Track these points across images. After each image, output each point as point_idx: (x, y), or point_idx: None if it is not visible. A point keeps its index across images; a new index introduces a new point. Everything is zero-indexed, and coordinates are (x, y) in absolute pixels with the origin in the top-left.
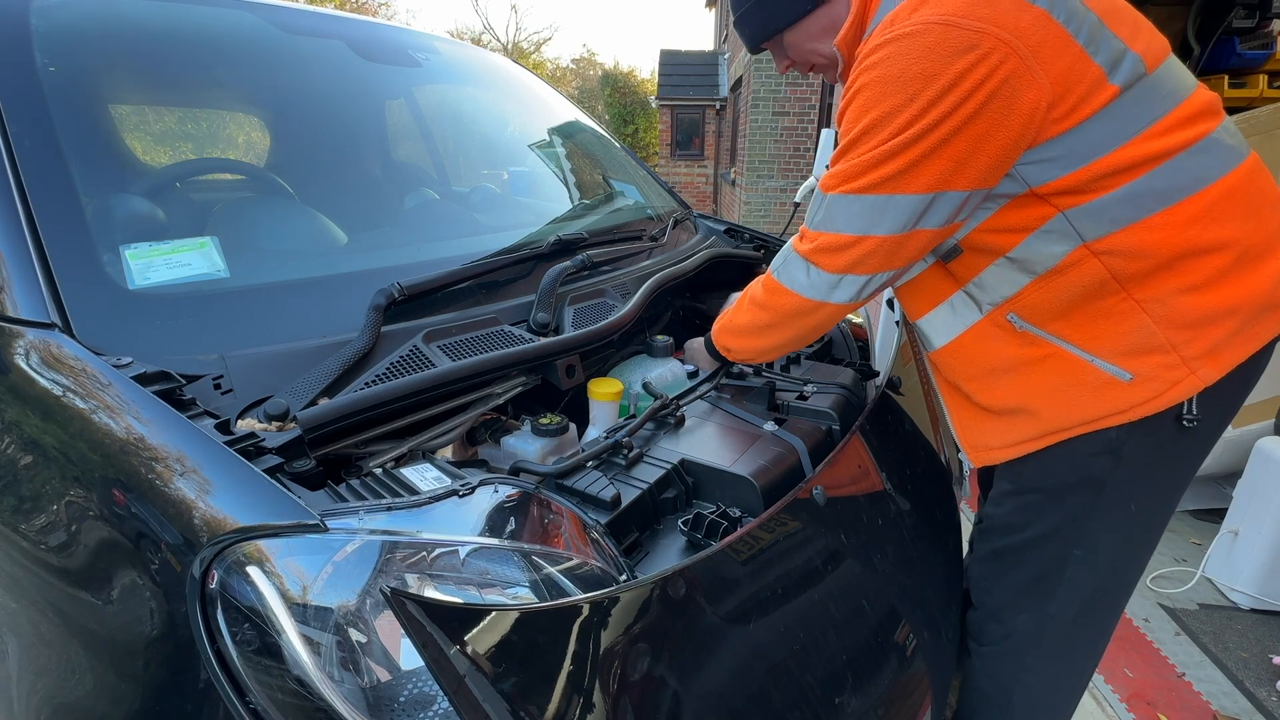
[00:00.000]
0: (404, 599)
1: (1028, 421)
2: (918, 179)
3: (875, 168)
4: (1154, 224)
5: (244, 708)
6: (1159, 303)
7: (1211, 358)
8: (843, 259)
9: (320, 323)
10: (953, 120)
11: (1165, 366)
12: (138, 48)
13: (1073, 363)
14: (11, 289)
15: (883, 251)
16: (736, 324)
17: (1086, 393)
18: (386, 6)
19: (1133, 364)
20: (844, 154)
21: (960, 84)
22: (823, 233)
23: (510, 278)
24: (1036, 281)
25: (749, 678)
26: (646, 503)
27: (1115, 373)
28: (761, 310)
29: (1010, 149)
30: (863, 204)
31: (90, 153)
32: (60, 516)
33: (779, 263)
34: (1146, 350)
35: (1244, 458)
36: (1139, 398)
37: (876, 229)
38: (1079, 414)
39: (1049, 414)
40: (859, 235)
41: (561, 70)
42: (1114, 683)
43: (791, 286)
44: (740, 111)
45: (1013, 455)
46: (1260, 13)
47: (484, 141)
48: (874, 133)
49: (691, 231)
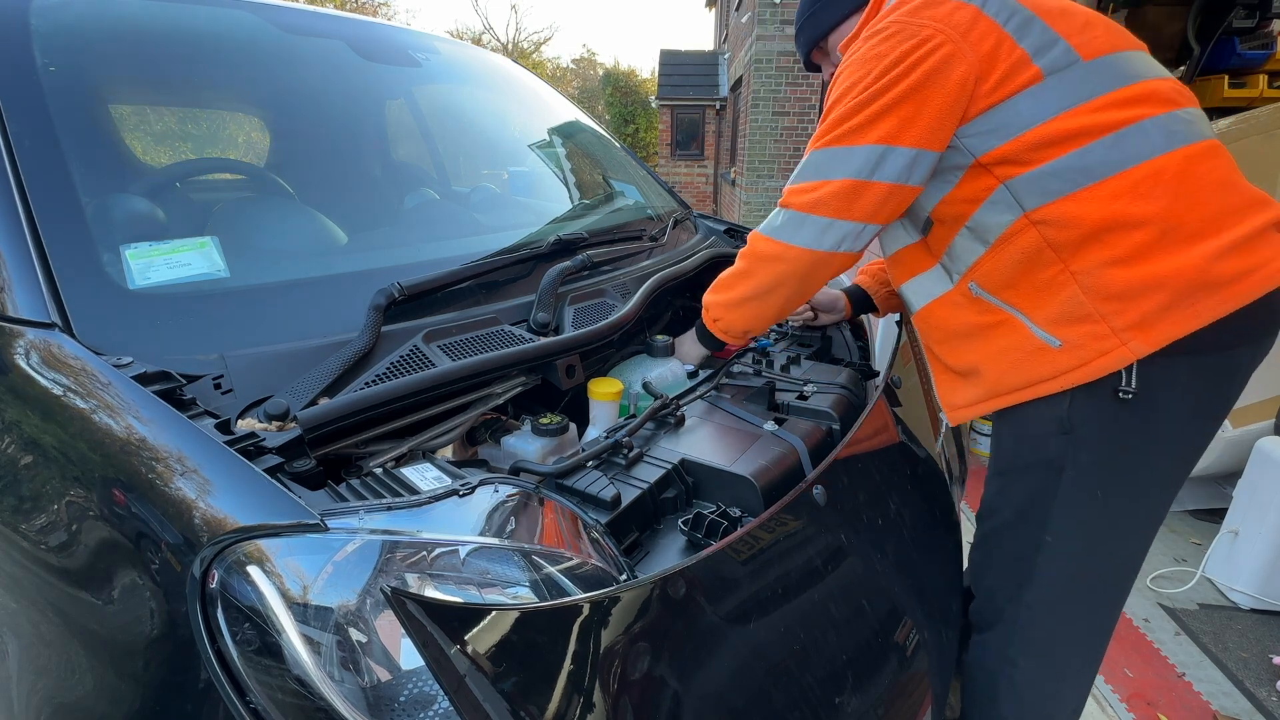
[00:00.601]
0: (404, 599)
1: (978, 382)
2: (869, 133)
3: (836, 126)
4: (1081, 197)
5: (244, 707)
6: (1087, 274)
7: (1141, 330)
8: (806, 199)
9: (320, 323)
10: (899, 87)
11: (1093, 336)
12: (138, 48)
13: (1016, 328)
14: (11, 289)
15: (841, 195)
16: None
17: (1022, 357)
18: (386, 6)
19: (1063, 331)
20: (823, 120)
21: (905, 60)
22: (794, 183)
23: (510, 278)
24: (990, 251)
25: (749, 678)
26: (646, 503)
27: (1047, 339)
28: (741, 261)
29: (946, 113)
30: (825, 155)
31: (90, 153)
32: (60, 516)
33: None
34: (1075, 319)
35: (1244, 458)
36: (1067, 364)
37: (835, 174)
38: (1015, 378)
39: (992, 376)
40: (822, 180)
41: (562, 70)
42: (1114, 683)
43: (764, 231)
44: (740, 111)
45: (971, 415)
46: (1260, 13)
47: (484, 141)
48: (840, 103)
49: (691, 231)
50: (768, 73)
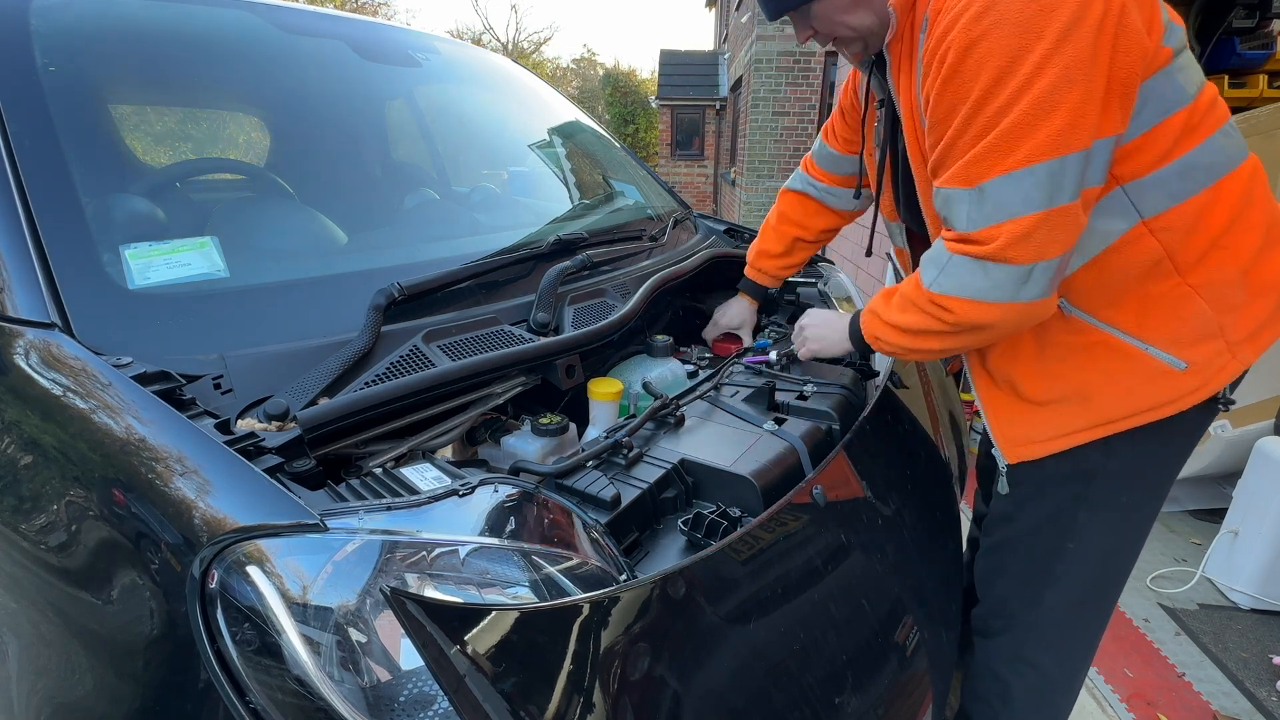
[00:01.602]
0: (404, 599)
1: (1078, 410)
2: (1082, 130)
3: (1033, 128)
4: (1206, 198)
5: (244, 708)
6: (1211, 286)
7: (1251, 341)
8: (1031, 245)
9: (320, 323)
10: (1094, 55)
11: (1214, 354)
12: (138, 48)
13: (1124, 350)
14: (11, 289)
15: (1067, 223)
16: (898, 321)
17: (1141, 382)
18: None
19: (1188, 352)
20: (973, 121)
21: (1086, 14)
22: (1000, 223)
23: (510, 278)
24: (1091, 263)
25: (749, 678)
26: (646, 503)
27: (1170, 361)
28: (929, 318)
29: (1135, 83)
30: (1035, 176)
31: (90, 153)
32: (60, 516)
33: (933, 274)
34: (1203, 338)
35: (1244, 458)
36: (1189, 386)
37: (1059, 198)
38: (1133, 404)
39: (1102, 403)
40: (1044, 212)
41: (562, 70)
42: (1114, 683)
43: (967, 294)
44: (740, 111)
45: (1061, 447)
46: (1260, 13)
47: (484, 141)
48: (1005, 82)
49: (691, 231)
50: (768, 73)
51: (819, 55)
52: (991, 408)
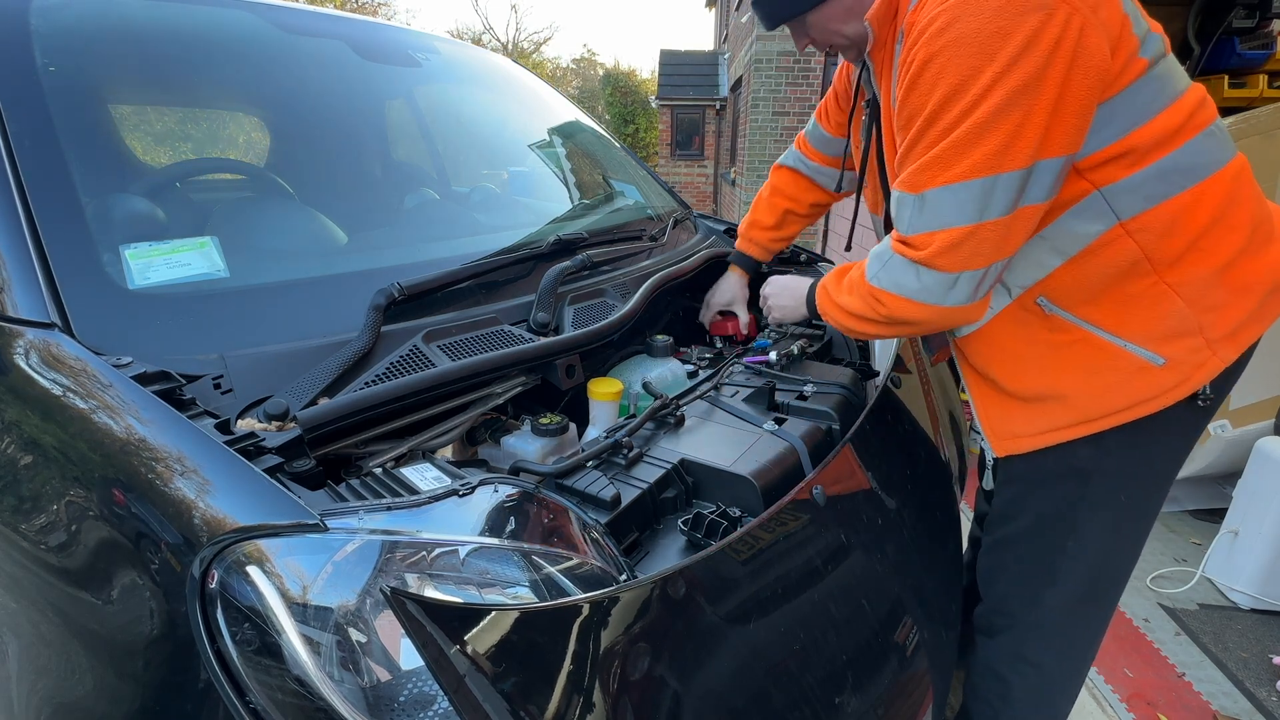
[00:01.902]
0: (404, 599)
1: (1059, 408)
2: (1019, 151)
3: (973, 145)
4: (1185, 200)
5: (244, 708)
6: (1188, 285)
7: (1232, 338)
8: (959, 255)
9: (320, 323)
10: (1040, 80)
11: (1192, 350)
12: (138, 48)
13: (1103, 348)
14: (11, 289)
15: (995, 237)
16: (843, 303)
17: (1120, 379)
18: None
19: (1166, 348)
20: (925, 133)
21: (1039, 40)
22: (934, 231)
23: (510, 278)
24: (1069, 263)
25: (749, 678)
26: (646, 503)
27: (1148, 357)
28: (867, 306)
29: (1091, 105)
30: (970, 191)
31: (90, 153)
32: (60, 516)
33: (876, 268)
34: (1180, 334)
35: (1244, 458)
36: (1169, 383)
37: (989, 213)
38: (1112, 401)
39: (1081, 401)
40: (973, 225)
41: (562, 70)
42: (1114, 683)
43: (900, 292)
44: (740, 111)
45: (1043, 444)
46: (1260, 13)
47: (484, 141)
48: (956, 100)
49: (691, 231)
50: (768, 73)
51: (819, 56)
52: (979, 401)
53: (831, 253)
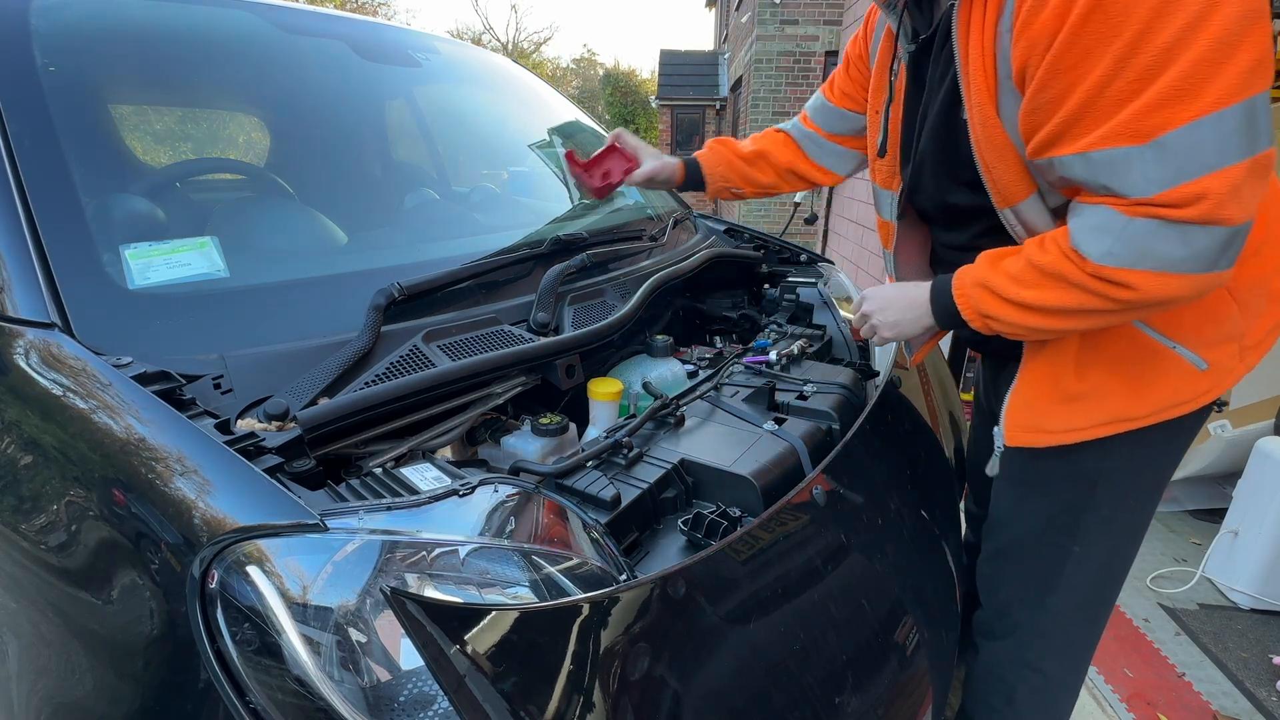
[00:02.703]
0: (404, 599)
1: (1095, 406)
2: (1267, 66)
3: (1221, 64)
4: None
5: (244, 708)
6: (1245, 290)
7: (1258, 346)
8: (1242, 201)
9: (320, 323)
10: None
11: (1229, 356)
12: (138, 48)
13: (1153, 349)
14: (11, 289)
15: (1267, 174)
16: (1034, 301)
17: (1163, 380)
18: (386, 6)
19: (1211, 353)
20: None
21: None
22: (1200, 178)
23: (510, 277)
24: None
25: (749, 678)
26: (646, 503)
27: (1194, 361)
28: (1090, 296)
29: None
30: (1234, 118)
31: (90, 153)
32: (60, 516)
33: (1106, 244)
34: (1226, 339)
35: (1244, 458)
36: (1205, 387)
37: (1259, 144)
38: (1151, 403)
39: (1119, 400)
40: (1248, 160)
41: (562, 70)
42: (1114, 683)
43: (1160, 267)
44: (740, 111)
45: (1069, 440)
46: None
47: (484, 141)
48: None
49: (691, 231)
50: (768, 73)
51: (819, 55)
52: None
53: (832, 253)
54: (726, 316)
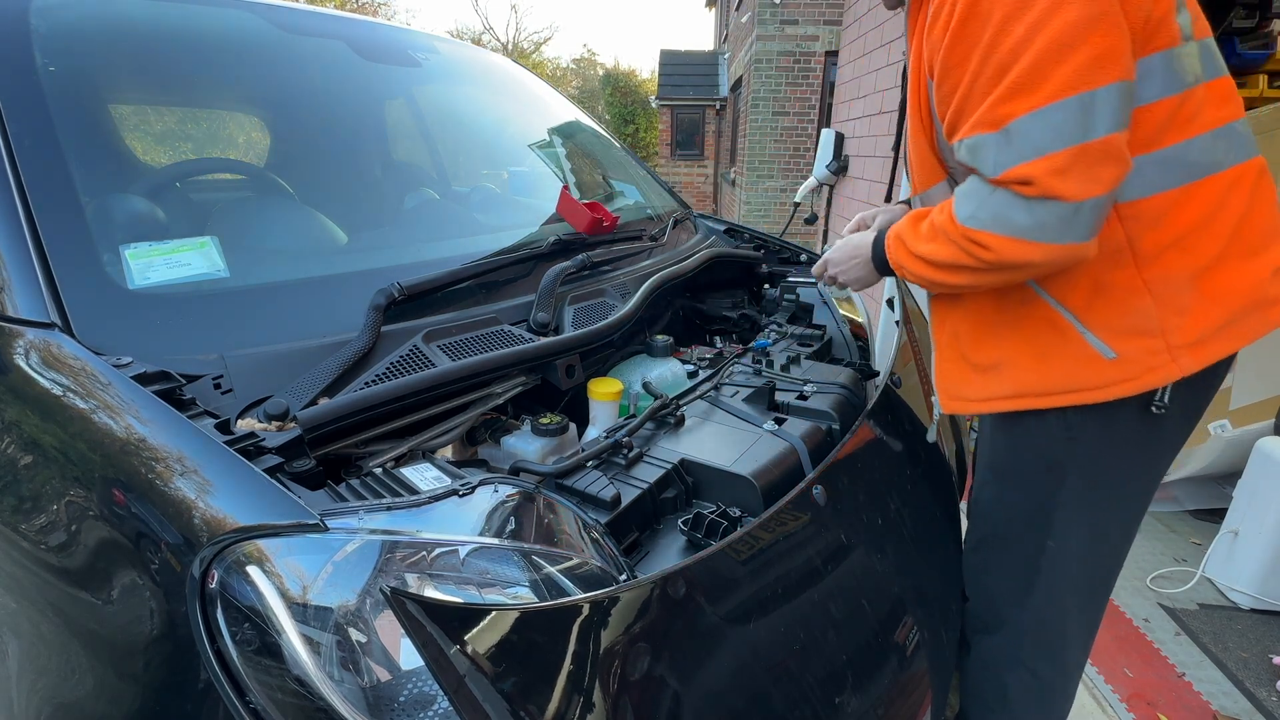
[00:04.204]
0: (404, 599)
1: (1006, 378)
2: (1109, 62)
3: (1060, 60)
4: (1178, 196)
5: (244, 708)
6: (1163, 283)
7: (1195, 349)
8: (1073, 180)
9: (320, 323)
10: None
11: (1149, 352)
12: (138, 48)
13: (1064, 330)
14: (11, 289)
15: (1105, 159)
16: (923, 252)
17: (1068, 362)
18: (386, 6)
19: (1121, 343)
20: (988, 61)
21: None
22: (1031, 161)
23: (510, 278)
24: None
25: (749, 678)
26: (646, 503)
27: (1101, 349)
28: (961, 253)
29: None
30: (1066, 110)
31: (90, 153)
32: (60, 516)
33: (970, 207)
34: (1139, 333)
35: (1244, 458)
36: (1115, 377)
37: (1094, 133)
38: (1055, 381)
39: (1026, 375)
40: (1077, 146)
41: (562, 70)
42: (1114, 683)
43: (1007, 232)
44: (740, 111)
45: (985, 410)
46: (1260, 13)
47: (484, 141)
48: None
49: (691, 231)
50: (768, 73)
51: (819, 56)
52: (940, 359)
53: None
54: (726, 316)
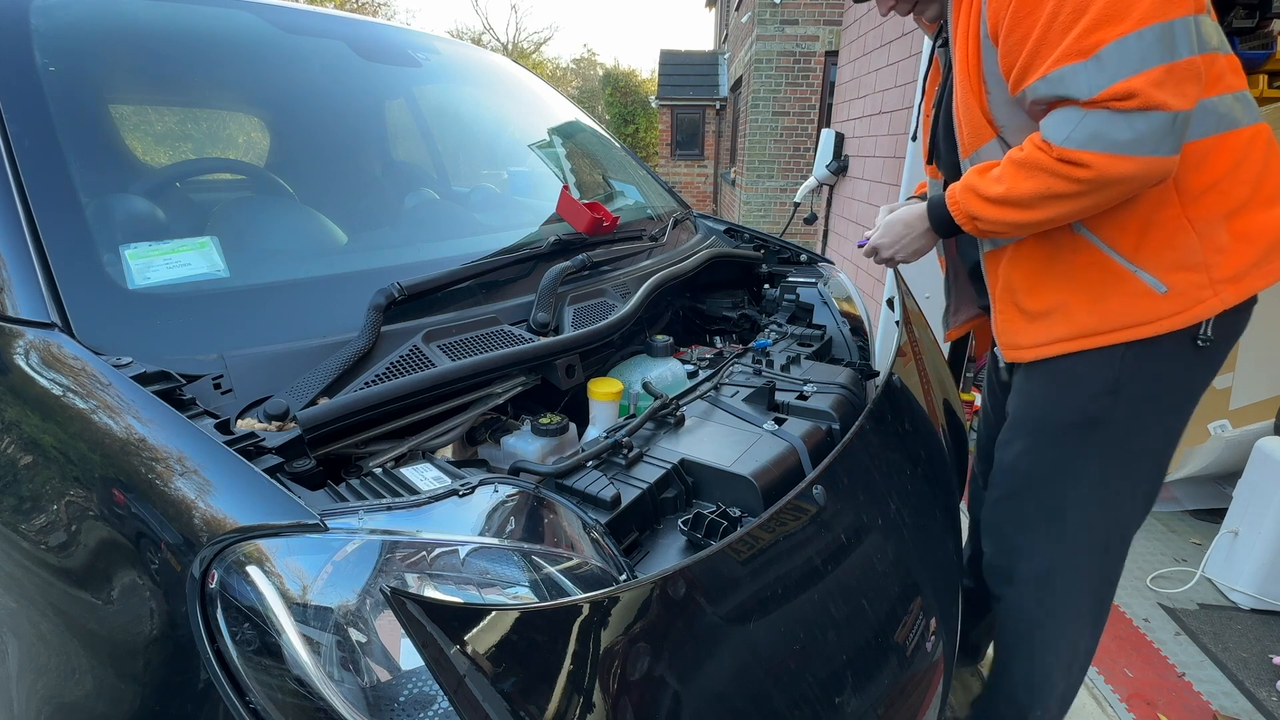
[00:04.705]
0: (404, 599)
1: (1061, 321)
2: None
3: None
4: (1213, 143)
5: (244, 708)
6: (1204, 222)
7: (1235, 283)
8: (1169, 91)
9: (320, 323)
10: None
11: (1195, 285)
12: (138, 48)
13: (1115, 270)
14: (11, 289)
15: (1190, 76)
16: (1003, 193)
17: (1123, 299)
18: (386, 6)
19: (1171, 277)
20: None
21: None
22: (1130, 77)
23: (510, 277)
24: None
25: (749, 678)
26: (646, 503)
27: (1153, 283)
28: (1058, 180)
29: None
30: (1153, 33)
31: (90, 153)
32: (60, 516)
33: (1066, 130)
34: (1186, 267)
35: (1244, 458)
36: (1167, 310)
37: (1177, 54)
38: (1112, 318)
39: (1083, 316)
40: (1165, 65)
41: (562, 70)
42: (1114, 683)
43: (1109, 149)
44: (740, 111)
45: (1040, 355)
46: (1260, 13)
47: (484, 141)
48: None
49: (691, 231)
50: (768, 73)
51: (819, 56)
52: (998, 313)
53: (832, 253)
54: (726, 316)
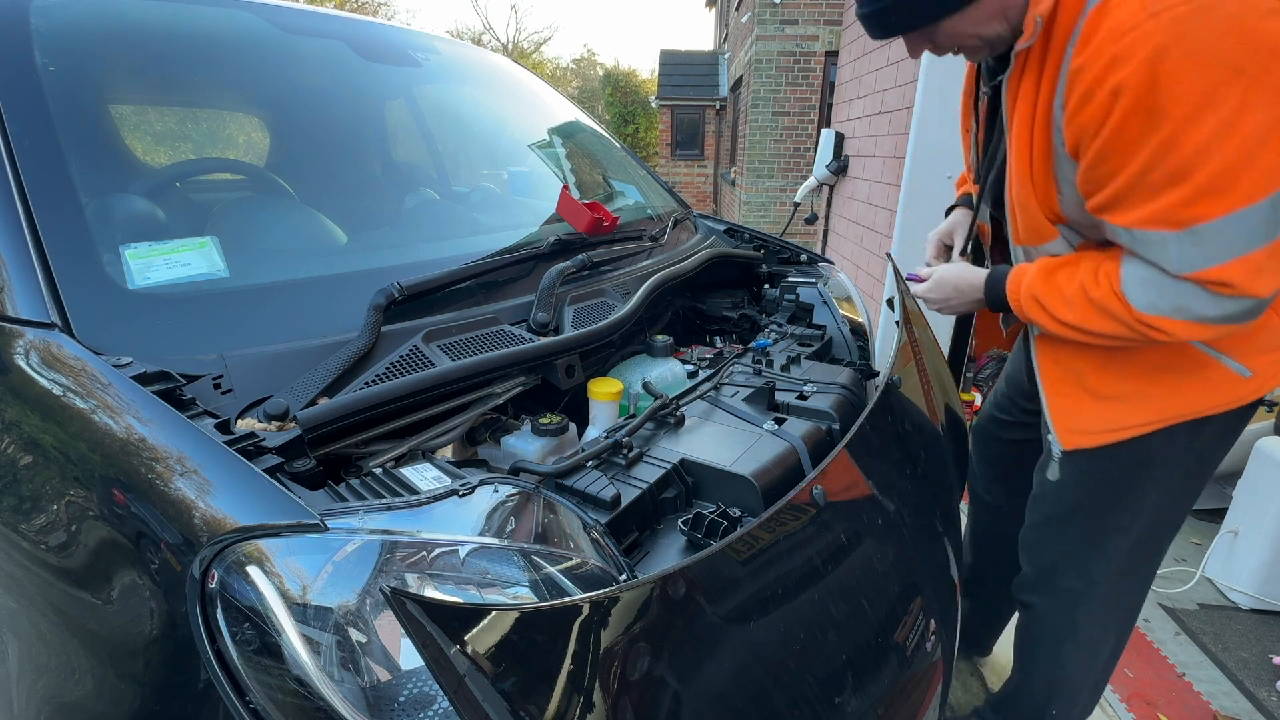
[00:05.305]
0: (404, 599)
1: (1136, 407)
2: None
3: (1249, 165)
4: None
5: (244, 708)
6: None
7: None
8: (1267, 278)
9: (320, 323)
10: None
11: (1273, 363)
12: (138, 48)
13: (1198, 358)
14: (11, 289)
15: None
16: (1075, 321)
17: (1205, 385)
18: (386, 6)
19: (1255, 361)
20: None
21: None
22: (1226, 263)
23: (510, 277)
24: None
25: (749, 678)
26: (646, 503)
27: (1238, 370)
28: (1130, 331)
29: None
30: (1259, 213)
31: (90, 153)
32: (60, 516)
33: (1149, 296)
34: (1271, 349)
35: (1244, 458)
36: (1248, 390)
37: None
38: (1194, 404)
39: (1160, 402)
40: (1268, 245)
41: (562, 70)
42: (1114, 683)
43: (1192, 319)
44: (740, 111)
45: (1113, 440)
46: None
47: (484, 141)
48: (1204, 117)
49: (691, 231)
50: (768, 73)
51: (819, 56)
52: (1054, 396)
53: (832, 253)
54: (726, 316)
